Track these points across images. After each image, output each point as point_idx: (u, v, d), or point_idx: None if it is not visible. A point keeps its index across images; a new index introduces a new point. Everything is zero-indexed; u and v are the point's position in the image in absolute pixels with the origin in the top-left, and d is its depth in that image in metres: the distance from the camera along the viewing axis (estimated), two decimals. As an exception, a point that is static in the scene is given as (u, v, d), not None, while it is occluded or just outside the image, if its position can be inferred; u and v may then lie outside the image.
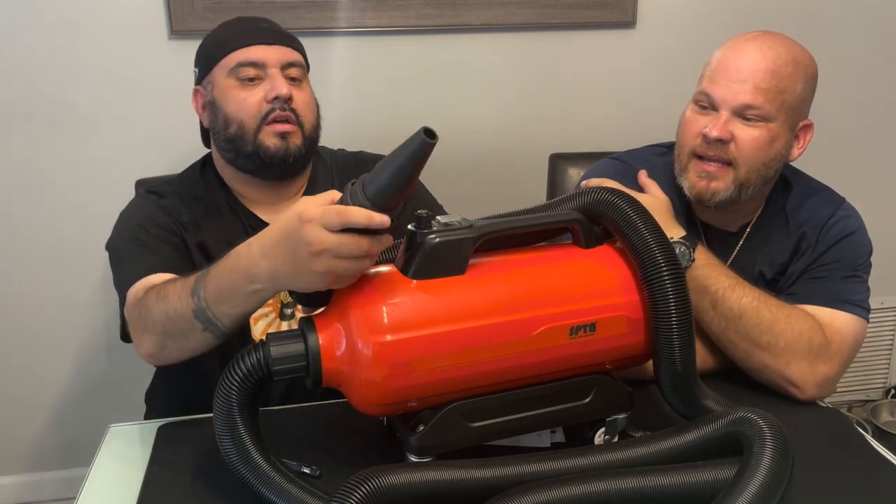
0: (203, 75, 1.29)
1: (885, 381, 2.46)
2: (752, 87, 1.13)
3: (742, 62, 1.15)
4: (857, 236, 1.22)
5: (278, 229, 0.84)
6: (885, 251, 2.34)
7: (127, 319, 1.10)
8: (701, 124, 1.17)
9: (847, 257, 1.20)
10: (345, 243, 0.78)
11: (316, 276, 0.81)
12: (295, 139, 1.23)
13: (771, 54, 1.15)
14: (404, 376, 0.83)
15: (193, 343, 0.98)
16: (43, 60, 1.75)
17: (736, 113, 1.15)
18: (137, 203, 1.29)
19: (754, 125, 1.15)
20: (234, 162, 1.26)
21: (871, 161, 2.27)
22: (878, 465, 0.96)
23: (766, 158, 1.16)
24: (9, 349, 1.92)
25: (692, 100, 1.21)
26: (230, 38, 1.26)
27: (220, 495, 0.89)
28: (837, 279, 1.18)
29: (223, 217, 1.28)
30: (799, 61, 1.17)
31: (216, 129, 1.26)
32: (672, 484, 0.81)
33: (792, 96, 1.16)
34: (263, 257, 0.85)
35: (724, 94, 1.15)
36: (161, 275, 1.09)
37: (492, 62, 1.97)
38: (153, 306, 1.00)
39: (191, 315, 0.95)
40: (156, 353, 1.03)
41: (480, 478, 0.81)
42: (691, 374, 0.92)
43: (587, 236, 0.95)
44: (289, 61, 1.26)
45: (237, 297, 0.91)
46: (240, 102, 1.22)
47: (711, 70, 1.19)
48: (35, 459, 2.02)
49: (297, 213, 0.80)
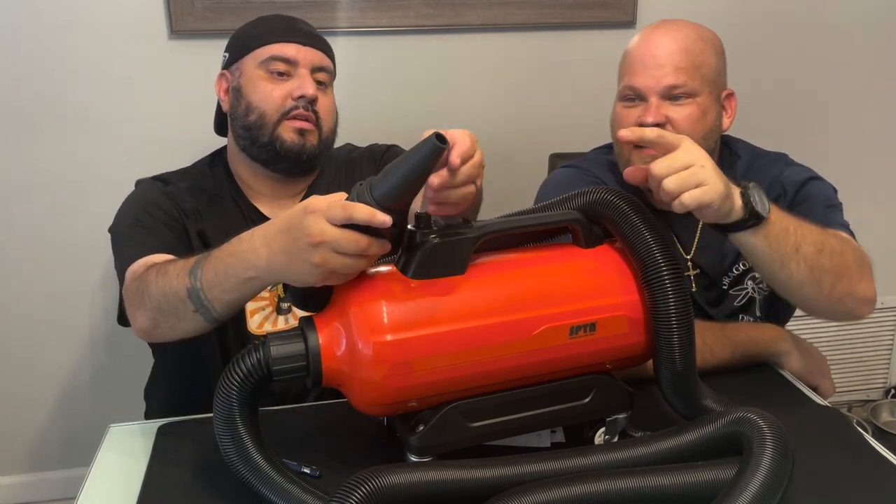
0: (232, 61, 1.31)
1: (885, 381, 2.46)
2: (672, 68, 1.19)
3: (655, 49, 1.21)
4: (817, 180, 1.26)
5: (284, 219, 0.85)
6: (885, 251, 2.35)
7: (124, 296, 1.11)
8: (633, 116, 1.21)
9: (817, 195, 1.23)
10: (344, 238, 0.79)
11: (311, 268, 0.81)
12: (312, 138, 1.26)
13: (680, 36, 1.21)
14: (404, 376, 0.83)
15: (184, 324, 0.99)
16: (43, 60, 1.75)
17: (664, 96, 1.20)
18: (143, 189, 1.31)
19: (683, 103, 1.20)
20: (248, 150, 1.28)
21: (872, 161, 2.27)
22: (878, 465, 0.96)
23: (703, 131, 1.20)
24: (9, 349, 1.92)
25: (617, 98, 1.26)
26: (268, 31, 1.29)
27: (220, 495, 0.89)
28: (820, 208, 1.21)
29: (226, 209, 1.30)
30: (705, 38, 1.24)
31: (236, 115, 1.28)
32: (672, 484, 0.81)
33: (708, 70, 1.22)
34: (264, 245, 0.87)
35: (648, 81, 1.20)
36: (163, 255, 1.10)
37: (492, 62, 1.97)
38: (152, 282, 1.01)
39: (185, 294, 0.96)
40: (148, 330, 1.04)
41: (480, 478, 0.81)
42: (691, 374, 0.92)
43: (587, 236, 0.95)
44: (319, 65, 1.29)
45: (231, 282, 0.91)
46: (265, 93, 1.25)
47: (628, 65, 1.24)
48: (35, 459, 2.02)
49: (304, 206, 0.82)
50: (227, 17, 1.78)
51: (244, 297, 0.94)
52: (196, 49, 1.80)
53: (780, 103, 2.14)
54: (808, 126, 2.20)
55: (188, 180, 1.31)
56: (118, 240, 1.22)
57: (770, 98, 2.11)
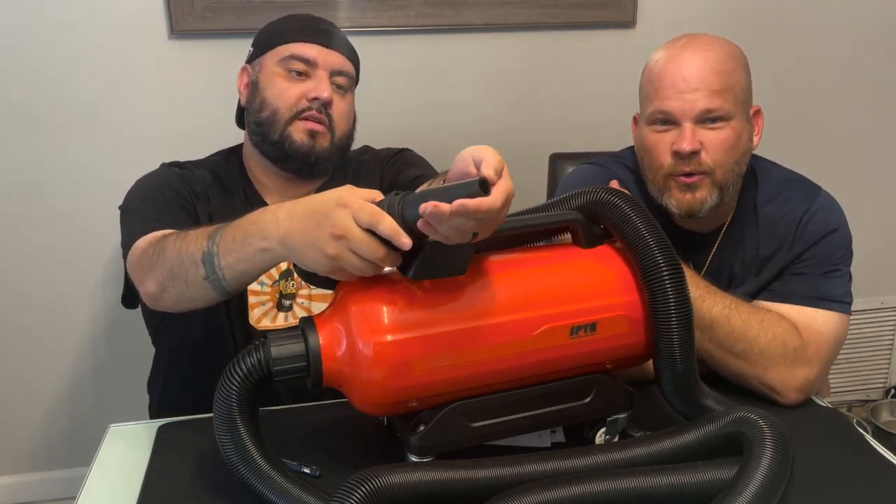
0: (255, 56, 1.32)
1: (885, 381, 2.46)
2: (706, 92, 1.14)
3: (687, 71, 1.15)
4: (837, 233, 1.21)
5: (315, 201, 0.84)
6: (885, 251, 2.35)
7: (133, 265, 1.10)
8: (667, 142, 1.17)
9: (826, 253, 1.19)
10: (366, 243, 0.78)
11: (323, 257, 0.81)
12: (322, 141, 1.26)
13: (711, 56, 1.16)
14: (404, 376, 0.83)
15: (192, 291, 0.98)
16: (42, 60, 1.75)
17: (698, 121, 1.15)
18: (156, 171, 1.32)
19: (718, 127, 1.16)
20: (260, 146, 1.29)
21: (872, 161, 2.27)
22: (878, 465, 0.96)
23: (736, 156, 1.18)
24: (9, 349, 1.92)
25: (645, 121, 1.21)
26: (292, 29, 1.29)
27: (220, 495, 0.89)
28: (817, 276, 1.18)
29: (235, 201, 1.30)
30: (734, 55, 1.19)
31: (251, 109, 1.29)
32: (672, 484, 0.81)
33: (740, 90, 1.18)
34: (286, 218, 0.85)
35: (681, 106, 1.15)
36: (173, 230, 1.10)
37: (492, 62, 1.97)
38: (170, 244, 1.00)
39: (199, 258, 0.95)
40: (155, 294, 1.03)
41: (480, 478, 0.81)
42: (691, 374, 0.92)
43: (587, 236, 0.95)
44: (340, 69, 1.29)
45: (246, 250, 0.90)
46: (280, 91, 1.25)
47: (656, 87, 1.18)
48: (35, 459, 2.02)
49: (338, 196, 0.81)
50: (227, 17, 1.78)
51: (254, 268, 0.93)
52: (196, 49, 1.81)
53: (780, 103, 2.13)
54: (808, 126, 2.20)
55: (203, 169, 1.33)
56: (128, 214, 1.21)
57: (770, 98, 2.10)
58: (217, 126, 1.52)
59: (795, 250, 1.20)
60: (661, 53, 1.20)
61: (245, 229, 0.91)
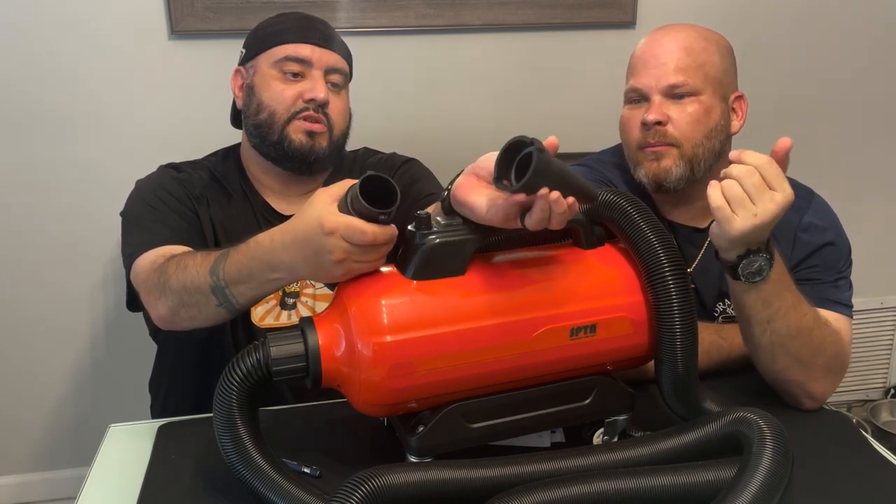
0: (248, 58, 1.32)
1: (885, 381, 2.46)
2: (673, 67, 1.19)
3: (657, 50, 1.22)
4: (836, 242, 1.21)
5: (300, 230, 0.86)
6: (885, 251, 2.35)
7: (140, 285, 1.12)
8: (638, 116, 1.22)
9: (831, 261, 1.20)
10: (365, 253, 0.83)
11: (336, 277, 0.86)
12: (322, 140, 1.27)
13: (682, 36, 1.22)
14: (404, 377, 0.83)
15: (206, 315, 1.01)
16: (43, 60, 1.75)
17: (665, 95, 1.20)
18: (155, 174, 1.32)
19: (685, 102, 1.20)
20: (259, 147, 1.29)
21: (872, 161, 2.27)
22: (878, 465, 0.96)
23: (705, 130, 1.20)
24: (9, 349, 1.92)
25: (624, 102, 1.27)
26: (285, 30, 1.29)
27: (220, 495, 0.89)
28: (827, 283, 1.18)
29: (235, 199, 1.31)
30: (709, 38, 1.24)
31: (248, 112, 1.30)
32: (672, 484, 0.81)
33: (712, 69, 1.21)
34: (283, 251, 0.89)
35: (649, 81, 1.20)
36: (176, 247, 1.12)
37: (492, 62, 1.97)
38: (172, 274, 1.03)
39: (208, 290, 0.98)
40: (168, 318, 1.06)
41: (480, 478, 0.81)
42: (692, 377, 0.92)
43: (588, 237, 0.95)
44: (334, 67, 1.29)
45: (256, 281, 0.95)
46: (277, 93, 1.26)
47: (632, 67, 1.25)
48: (35, 459, 2.02)
49: (319, 222, 0.83)
50: (227, 17, 1.78)
51: (270, 291, 0.98)
52: (196, 49, 1.81)
53: (779, 103, 2.13)
54: (808, 126, 2.20)
55: (201, 170, 1.33)
56: (129, 224, 1.23)
57: (770, 98, 2.11)
58: (217, 126, 1.52)
59: (796, 256, 1.20)
60: (643, 39, 1.27)
61: (248, 265, 0.94)
